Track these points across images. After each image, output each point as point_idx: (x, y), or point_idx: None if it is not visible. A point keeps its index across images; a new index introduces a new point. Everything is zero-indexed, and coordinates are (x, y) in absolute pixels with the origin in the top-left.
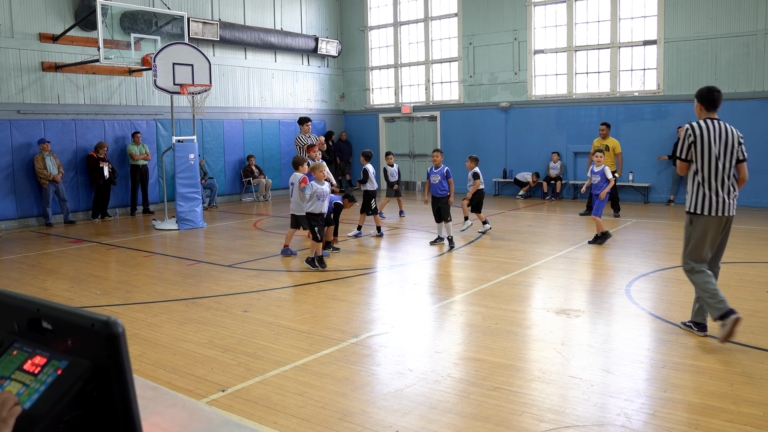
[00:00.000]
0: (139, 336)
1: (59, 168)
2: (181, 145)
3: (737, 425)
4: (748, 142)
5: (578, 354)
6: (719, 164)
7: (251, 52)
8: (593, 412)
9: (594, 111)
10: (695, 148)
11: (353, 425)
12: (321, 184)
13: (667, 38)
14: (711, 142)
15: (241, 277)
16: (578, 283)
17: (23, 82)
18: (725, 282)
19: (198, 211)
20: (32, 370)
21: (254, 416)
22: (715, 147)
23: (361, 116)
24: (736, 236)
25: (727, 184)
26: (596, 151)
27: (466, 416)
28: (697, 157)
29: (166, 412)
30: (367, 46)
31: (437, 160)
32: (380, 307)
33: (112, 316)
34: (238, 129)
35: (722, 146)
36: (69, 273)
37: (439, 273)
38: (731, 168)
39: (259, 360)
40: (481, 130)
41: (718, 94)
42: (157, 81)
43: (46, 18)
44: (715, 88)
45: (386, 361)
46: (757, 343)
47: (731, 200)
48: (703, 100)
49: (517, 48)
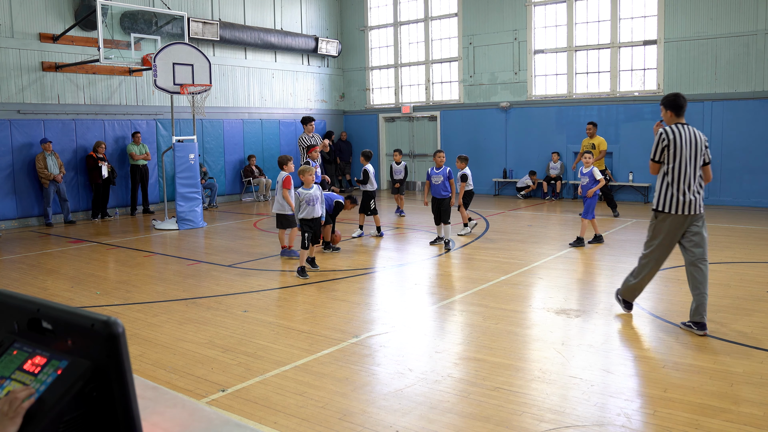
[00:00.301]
0: (139, 336)
1: (60, 168)
2: (181, 145)
3: (737, 425)
4: (748, 142)
5: (578, 354)
6: (688, 167)
7: (251, 52)
8: (593, 412)
9: (594, 111)
10: (668, 151)
11: (353, 425)
12: (309, 189)
13: (667, 38)
14: (682, 145)
15: (241, 277)
16: (578, 283)
17: (23, 82)
18: (725, 282)
19: (198, 211)
20: (32, 370)
21: (254, 416)
22: (685, 150)
23: (361, 116)
24: (736, 236)
25: (693, 186)
26: (585, 152)
27: (466, 416)
28: (669, 159)
29: (166, 412)
30: (367, 46)
31: (440, 161)
32: (380, 307)
33: (112, 316)
34: (238, 129)
35: (691, 150)
36: (69, 273)
37: (439, 273)
38: (698, 170)
39: (259, 360)
40: (481, 130)
41: (683, 100)
42: (157, 81)
43: (46, 18)
44: (681, 95)
45: (386, 361)
46: (757, 343)
47: (696, 199)
48: (671, 106)
49: (517, 48)
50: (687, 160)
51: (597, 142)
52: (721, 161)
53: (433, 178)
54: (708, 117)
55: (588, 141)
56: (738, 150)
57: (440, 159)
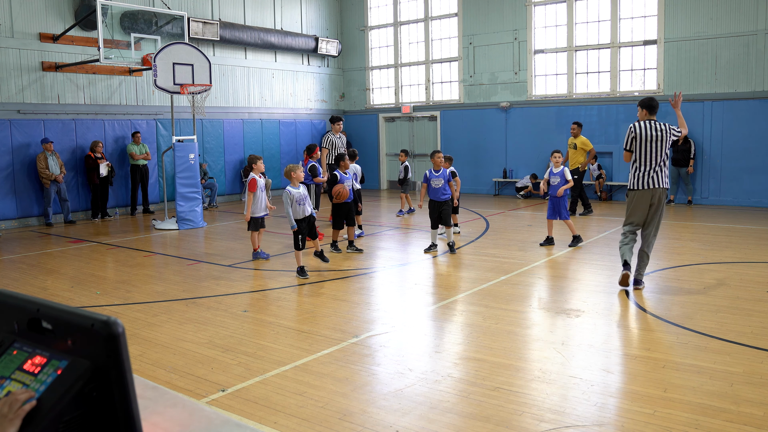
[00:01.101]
0: (139, 336)
1: (61, 168)
2: (181, 145)
3: (737, 425)
4: (748, 142)
5: (578, 354)
6: (651, 154)
7: (251, 52)
8: (593, 412)
9: (594, 111)
10: (636, 141)
11: (353, 425)
12: (297, 188)
13: (667, 38)
14: (645, 137)
15: (241, 277)
16: (578, 283)
17: (23, 82)
18: (726, 282)
19: (198, 210)
20: (32, 370)
21: (254, 416)
22: (649, 141)
23: (361, 116)
24: (736, 236)
25: (655, 167)
26: (554, 151)
27: (466, 416)
28: (636, 148)
29: (166, 412)
30: (367, 45)
31: (439, 162)
32: (380, 307)
33: (112, 316)
34: (238, 129)
35: (654, 140)
36: (69, 273)
37: (439, 273)
38: (661, 155)
39: (259, 360)
40: (481, 130)
41: (656, 102)
42: (157, 81)
43: (46, 18)
44: (654, 98)
45: (386, 361)
46: (757, 343)
47: (659, 177)
48: (645, 107)
49: (517, 48)
50: (650, 148)
51: (580, 142)
52: (721, 161)
53: (433, 181)
54: (708, 117)
55: (571, 141)
56: (738, 150)
57: (440, 160)
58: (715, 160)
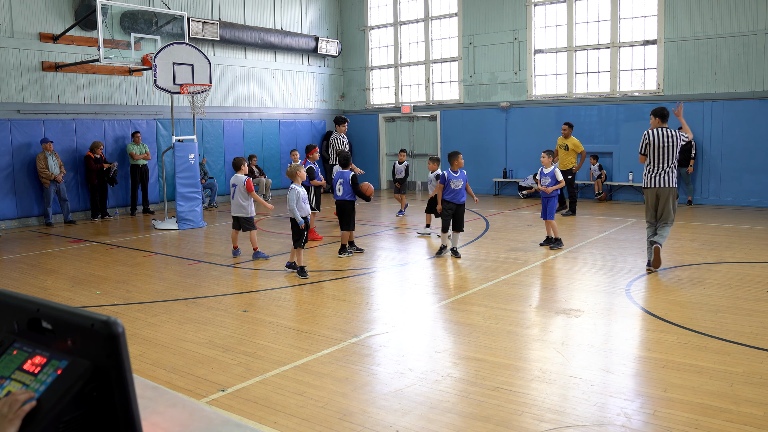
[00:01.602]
0: (139, 336)
1: (61, 168)
2: (181, 144)
3: (737, 425)
4: (748, 142)
5: (578, 354)
6: (663, 157)
7: (251, 52)
8: (593, 412)
9: (594, 111)
10: (649, 147)
11: (353, 425)
12: (300, 187)
13: (667, 38)
14: (657, 143)
15: (241, 277)
16: (578, 283)
17: (23, 82)
18: (726, 282)
19: (198, 210)
20: (32, 370)
21: (254, 416)
22: (661, 147)
23: (361, 116)
24: (736, 236)
25: (666, 168)
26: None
27: (466, 416)
28: (649, 152)
29: (166, 412)
30: (367, 45)
31: (459, 164)
32: (380, 307)
33: (112, 316)
34: (238, 129)
35: (666, 146)
36: (69, 273)
37: (439, 273)
38: (671, 159)
39: (259, 360)
40: (481, 130)
41: (667, 111)
42: (157, 81)
43: (46, 18)
44: (666, 108)
45: (386, 361)
46: (757, 343)
47: (668, 178)
48: (658, 115)
49: (517, 48)
50: (662, 152)
51: (571, 143)
52: (721, 161)
53: (453, 182)
54: (708, 117)
55: (562, 141)
56: (738, 150)
57: (460, 161)
58: (715, 160)
